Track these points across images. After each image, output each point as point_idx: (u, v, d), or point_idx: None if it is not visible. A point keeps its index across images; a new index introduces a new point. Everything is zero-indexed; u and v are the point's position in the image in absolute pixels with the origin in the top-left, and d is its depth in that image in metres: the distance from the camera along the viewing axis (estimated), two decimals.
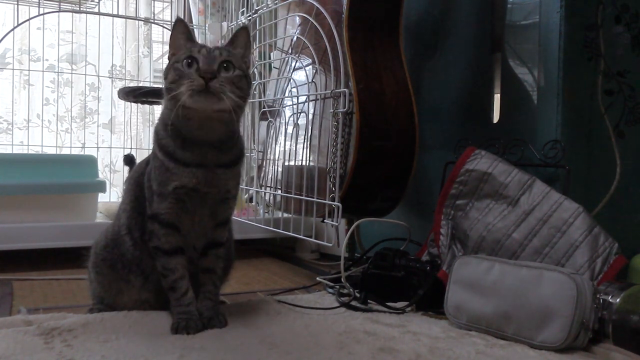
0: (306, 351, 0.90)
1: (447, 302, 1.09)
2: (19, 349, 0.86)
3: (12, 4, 2.13)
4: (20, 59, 2.46)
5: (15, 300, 1.27)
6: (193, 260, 1.05)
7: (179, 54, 0.94)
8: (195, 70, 0.90)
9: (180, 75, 0.91)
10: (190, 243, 1.03)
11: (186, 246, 1.03)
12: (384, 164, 1.40)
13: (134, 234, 1.04)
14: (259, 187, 1.82)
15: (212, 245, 1.05)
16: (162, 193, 0.98)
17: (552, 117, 1.26)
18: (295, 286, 1.45)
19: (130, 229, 1.05)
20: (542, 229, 1.13)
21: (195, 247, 1.05)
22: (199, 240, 1.04)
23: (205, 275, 1.04)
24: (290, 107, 1.63)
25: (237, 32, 0.99)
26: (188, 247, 1.03)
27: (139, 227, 1.04)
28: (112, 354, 0.86)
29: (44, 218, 1.69)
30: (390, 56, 1.43)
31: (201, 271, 1.04)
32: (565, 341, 0.91)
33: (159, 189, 0.98)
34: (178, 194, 0.97)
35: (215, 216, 1.03)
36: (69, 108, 2.48)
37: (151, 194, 1.00)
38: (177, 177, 0.96)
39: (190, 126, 0.94)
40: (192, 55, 0.91)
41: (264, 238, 1.97)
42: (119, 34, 2.56)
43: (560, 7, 1.25)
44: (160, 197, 0.98)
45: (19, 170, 1.75)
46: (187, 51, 0.92)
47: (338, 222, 1.32)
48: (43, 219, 1.69)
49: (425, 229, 1.39)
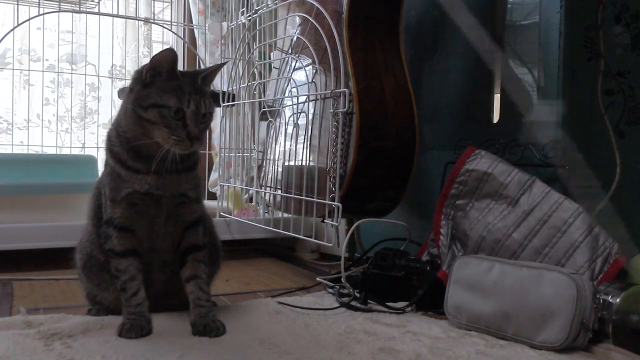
0: (306, 351, 0.90)
1: (447, 302, 1.09)
2: (19, 350, 0.87)
3: (12, 4, 2.13)
4: (20, 59, 2.46)
5: (15, 300, 1.27)
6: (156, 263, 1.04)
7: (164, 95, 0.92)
8: (183, 127, 0.92)
9: (165, 124, 0.92)
10: (149, 246, 1.02)
11: (143, 248, 1.02)
12: (384, 164, 1.40)
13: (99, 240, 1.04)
14: (259, 187, 1.82)
15: (190, 249, 1.04)
16: (114, 199, 0.98)
17: (552, 117, 1.26)
18: (295, 286, 1.45)
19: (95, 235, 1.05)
20: (542, 229, 1.13)
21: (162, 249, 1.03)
22: (165, 242, 1.03)
23: (190, 283, 1.02)
24: (290, 107, 1.63)
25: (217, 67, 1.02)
26: (146, 249, 1.02)
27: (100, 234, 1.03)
28: (112, 354, 0.86)
29: (44, 218, 1.69)
30: (390, 56, 1.43)
31: (185, 280, 1.03)
32: (565, 341, 0.91)
33: (111, 194, 0.98)
34: (130, 199, 0.97)
35: (179, 219, 1.02)
36: (69, 108, 2.48)
37: (105, 200, 1.00)
38: (128, 184, 0.97)
39: (152, 150, 0.95)
40: (181, 108, 0.92)
41: (264, 238, 1.97)
42: (119, 34, 2.56)
43: (560, 7, 1.25)
44: (113, 203, 0.98)
45: (19, 170, 1.75)
46: (176, 100, 0.92)
47: (338, 222, 1.32)
48: (43, 219, 1.68)
49: (425, 229, 1.39)
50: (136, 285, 0.99)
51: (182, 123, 0.92)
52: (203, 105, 0.94)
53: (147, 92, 0.93)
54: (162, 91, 0.92)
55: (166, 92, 0.92)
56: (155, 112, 0.92)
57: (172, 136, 0.92)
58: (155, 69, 0.93)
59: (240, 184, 1.97)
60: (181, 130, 0.92)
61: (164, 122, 0.92)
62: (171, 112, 0.91)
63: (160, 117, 0.92)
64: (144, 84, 0.94)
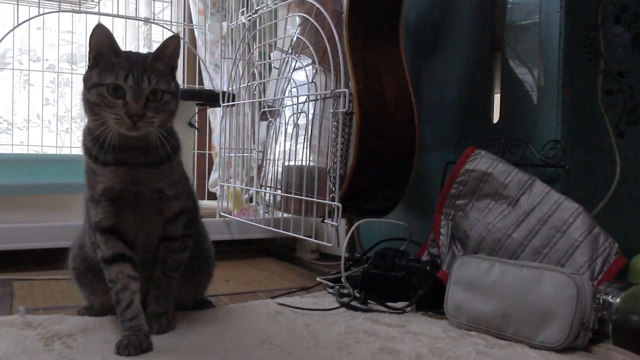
0: (306, 351, 0.90)
1: (447, 302, 1.09)
2: (19, 350, 0.87)
3: (12, 4, 2.14)
4: (20, 59, 2.46)
5: (15, 300, 1.27)
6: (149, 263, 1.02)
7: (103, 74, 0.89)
8: (122, 105, 0.88)
9: (105, 103, 0.88)
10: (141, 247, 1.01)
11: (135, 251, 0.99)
12: (384, 164, 1.40)
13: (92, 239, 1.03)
14: (259, 187, 1.82)
15: (165, 239, 1.02)
16: (93, 198, 0.96)
17: (552, 117, 1.26)
18: (295, 286, 1.45)
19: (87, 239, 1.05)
20: (542, 229, 1.13)
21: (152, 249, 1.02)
22: (152, 240, 1.01)
23: (157, 266, 1.01)
24: (290, 107, 1.63)
25: (166, 41, 0.94)
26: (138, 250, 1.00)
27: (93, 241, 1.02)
28: (112, 354, 0.86)
29: (44, 218, 1.69)
30: (391, 56, 1.43)
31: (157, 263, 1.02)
32: (565, 341, 0.91)
33: (90, 193, 0.97)
34: (108, 196, 0.95)
35: (157, 214, 1.00)
36: (69, 108, 2.48)
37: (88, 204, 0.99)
38: (101, 179, 0.94)
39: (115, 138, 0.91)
40: (118, 84, 0.88)
41: (264, 238, 1.97)
42: (119, 34, 2.56)
43: (560, 7, 1.25)
44: (94, 203, 0.97)
45: (19, 170, 1.75)
46: (113, 76, 0.88)
47: (338, 222, 1.32)
48: (43, 219, 1.68)
49: (425, 229, 1.39)
50: (129, 295, 0.94)
51: (122, 101, 0.88)
52: (147, 80, 0.89)
53: (90, 73, 0.91)
54: (102, 70, 0.90)
55: (105, 71, 0.89)
56: (95, 92, 0.89)
57: (111, 115, 0.88)
58: (95, 50, 0.91)
59: (240, 184, 1.97)
60: (120, 108, 0.88)
61: (104, 101, 0.88)
62: (110, 89, 0.88)
63: (99, 96, 0.88)
64: (89, 66, 0.92)
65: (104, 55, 0.91)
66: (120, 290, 0.94)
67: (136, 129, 0.89)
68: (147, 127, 0.90)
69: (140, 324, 0.92)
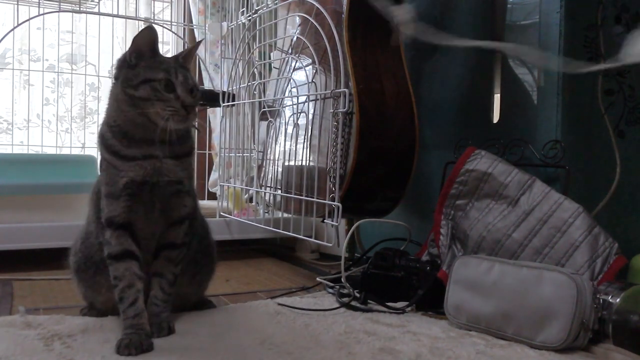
0: (306, 351, 0.90)
1: (447, 302, 1.09)
2: (19, 350, 0.87)
3: (12, 4, 2.14)
4: (20, 59, 2.46)
5: (15, 300, 1.27)
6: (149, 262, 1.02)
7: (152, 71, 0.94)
8: (175, 98, 0.93)
9: (157, 98, 0.93)
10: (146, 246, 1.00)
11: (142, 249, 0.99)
12: (384, 164, 1.40)
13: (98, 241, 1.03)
14: (259, 187, 1.82)
15: (166, 246, 1.02)
16: (112, 193, 0.96)
17: (552, 117, 1.26)
18: (295, 286, 1.45)
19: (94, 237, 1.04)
20: (542, 229, 1.13)
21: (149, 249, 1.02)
22: (152, 240, 1.01)
23: (154, 279, 1.00)
24: (290, 107, 1.63)
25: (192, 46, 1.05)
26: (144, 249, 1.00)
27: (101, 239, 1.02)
28: (112, 354, 0.86)
29: (44, 218, 1.69)
30: (391, 56, 1.43)
31: (152, 275, 1.01)
32: (565, 341, 0.91)
33: (108, 189, 0.97)
34: (129, 190, 0.96)
35: (168, 212, 1.00)
36: (69, 108, 2.48)
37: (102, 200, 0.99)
38: (125, 173, 0.95)
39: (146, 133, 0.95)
40: (170, 80, 0.94)
41: (264, 238, 1.97)
42: (119, 34, 2.56)
43: (560, 7, 1.25)
44: (111, 199, 0.97)
45: (19, 170, 1.75)
46: (164, 72, 0.94)
47: (338, 222, 1.32)
48: (43, 219, 1.68)
49: (425, 229, 1.39)
50: (134, 293, 0.95)
51: (174, 95, 0.93)
52: (190, 78, 0.96)
53: (135, 72, 0.94)
54: (149, 68, 0.94)
55: (153, 68, 0.94)
56: (147, 87, 0.93)
57: (167, 108, 0.92)
58: (138, 50, 0.96)
59: (240, 184, 1.97)
60: (174, 101, 0.93)
61: (157, 96, 0.93)
62: (162, 84, 0.93)
63: (153, 90, 0.93)
64: (130, 66, 0.95)
65: (145, 56, 0.96)
66: (125, 287, 0.95)
67: (186, 122, 0.95)
68: (194, 119, 0.97)
69: (142, 322, 0.93)
